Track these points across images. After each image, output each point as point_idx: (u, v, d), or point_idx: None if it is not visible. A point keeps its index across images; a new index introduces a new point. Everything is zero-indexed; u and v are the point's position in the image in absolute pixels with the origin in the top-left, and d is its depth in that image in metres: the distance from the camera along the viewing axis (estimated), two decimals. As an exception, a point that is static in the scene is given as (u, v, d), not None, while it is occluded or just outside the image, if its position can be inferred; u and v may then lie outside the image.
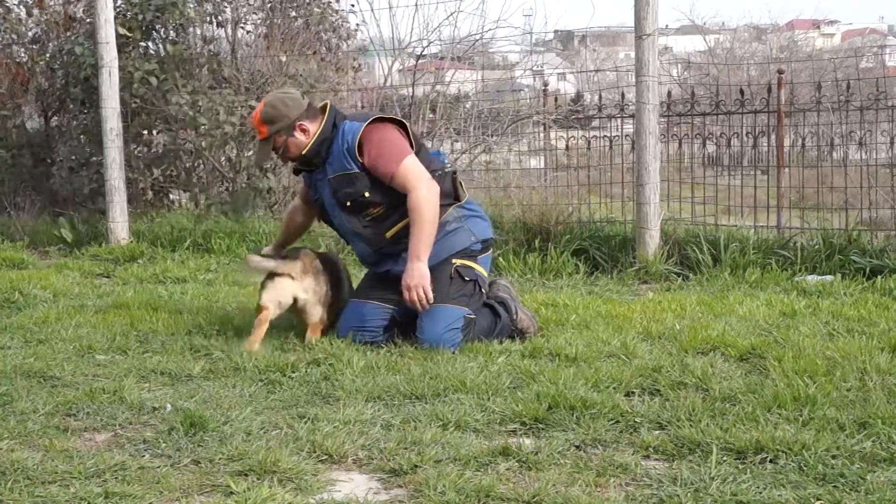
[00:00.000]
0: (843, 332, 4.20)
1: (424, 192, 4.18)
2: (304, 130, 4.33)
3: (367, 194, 4.24)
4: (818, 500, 2.53)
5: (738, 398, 3.31)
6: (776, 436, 2.88)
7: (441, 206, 4.28)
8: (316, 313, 4.31)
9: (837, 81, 7.53)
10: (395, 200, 4.24)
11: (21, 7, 8.89)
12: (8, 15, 8.77)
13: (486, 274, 4.45)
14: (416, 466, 2.80)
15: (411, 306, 4.18)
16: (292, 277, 4.25)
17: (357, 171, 4.23)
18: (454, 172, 4.58)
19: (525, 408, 3.24)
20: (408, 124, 4.41)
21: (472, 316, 4.25)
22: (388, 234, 4.31)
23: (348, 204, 4.28)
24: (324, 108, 4.40)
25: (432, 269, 4.27)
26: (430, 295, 4.17)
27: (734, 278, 5.64)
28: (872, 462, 2.75)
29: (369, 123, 4.27)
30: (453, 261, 4.29)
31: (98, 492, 2.64)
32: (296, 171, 4.66)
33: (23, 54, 9.02)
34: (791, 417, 3.08)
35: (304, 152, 4.33)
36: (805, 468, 2.71)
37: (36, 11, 8.90)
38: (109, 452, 2.95)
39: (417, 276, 4.16)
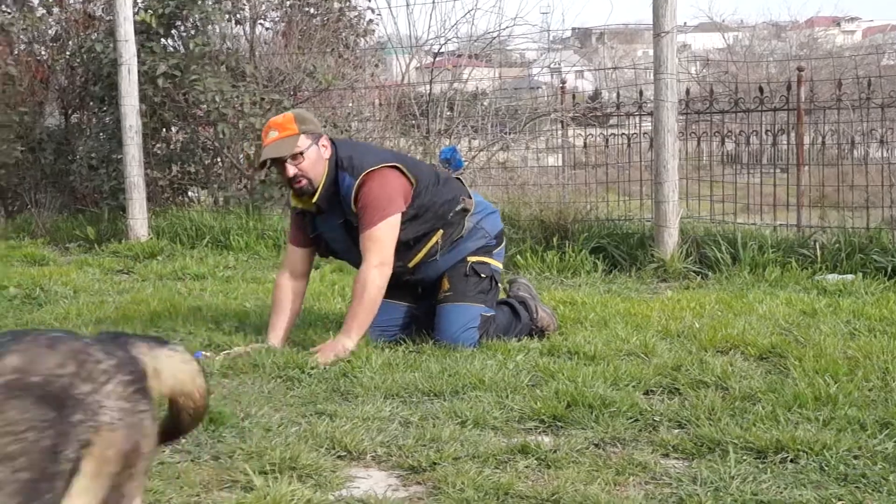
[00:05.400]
0: (864, 332, 4.17)
1: (372, 274, 4.03)
2: (325, 147, 4.14)
3: None
4: (840, 500, 2.51)
5: (758, 397, 3.29)
6: (797, 435, 2.86)
7: (452, 218, 4.23)
8: None
9: (858, 79, 7.48)
10: (412, 235, 4.17)
11: (43, 9, 8.95)
12: (29, 13, 8.83)
13: (501, 266, 4.44)
14: (434, 464, 2.80)
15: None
16: None
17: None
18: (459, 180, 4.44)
19: (544, 406, 3.23)
20: (400, 165, 4.17)
21: (490, 314, 4.24)
22: (411, 264, 4.24)
23: (360, 247, 4.16)
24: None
25: (449, 269, 4.27)
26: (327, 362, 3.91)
27: (753, 277, 5.61)
28: (895, 462, 2.72)
29: (364, 175, 4.08)
30: (468, 258, 4.28)
31: (119, 487, 2.65)
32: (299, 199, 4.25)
33: (43, 52, 9.08)
34: (812, 417, 3.06)
35: (315, 200, 4.13)
36: (826, 468, 2.69)
37: (56, 10, 8.96)
38: (130, 448, 2.96)
39: (339, 349, 3.94)
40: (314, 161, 4.10)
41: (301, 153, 4.08)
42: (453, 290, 4.21)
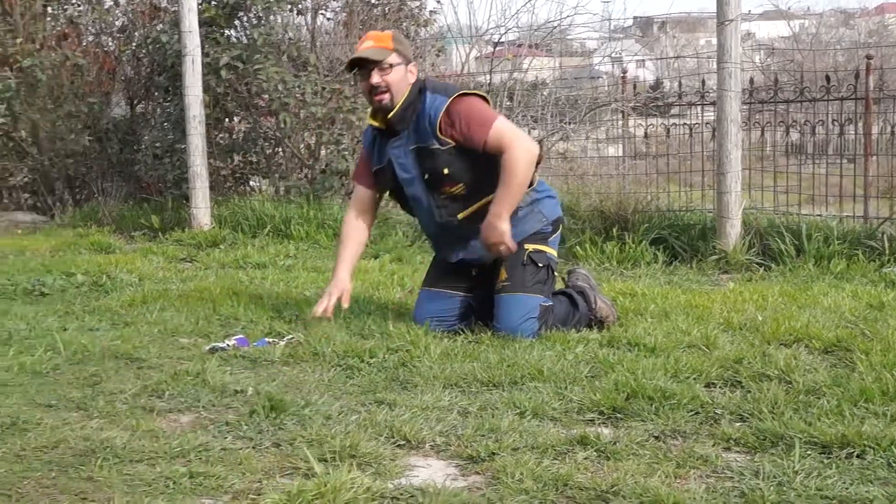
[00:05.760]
0: (933, 326, 4.07)
1: (521, 153, 4.09)
2: (412, 73, 4.26)
3: (445, 171, 4.18)
4: (907, 497, 2.46)
5: (823, 391, 3.23)
6: (863, 430, 2.81)
7: None
8: None
9: (930, 67, 7.29)
10: (476, 182, 4.19)
11: (111, 1, 9.11)
12: (97, 5, 8.99)
13: (556, 254, 4.42)
14: (493, 454, 2.80)
15: (496, 255, 4.18)
16: None
17: (437, 146, 4.17)
18: None
19: (603, 397, 3.22)
20: (489, 99, 4.35)
21: (549, 304, 4.23)
22: (461, 216, 4.25)
23: (426, 177, 4.22)
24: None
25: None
26: (513, 246, 4.14)
27: (818, 269, 5.51)
28: (964, 460, 2.66)
29: (457, 96, 4.18)
30: (526, 246, 4.26)
31: (183, 471, 2.70)
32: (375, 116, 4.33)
33: (110, 43, 9.26)
34: (879, 412, 3.00)
35: (389, 116, 4.20)
36: (894, 464, 2.63)
37: (123, 1, 9.12)
38: (193, 433, 3.01)
39: (496, 236, 4.12)
40: (399, 78, 4.21)
41: (390, 66, 4.19)
42: (511, 280, 4.21)
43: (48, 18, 9.06)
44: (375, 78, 4.18)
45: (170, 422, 3.19)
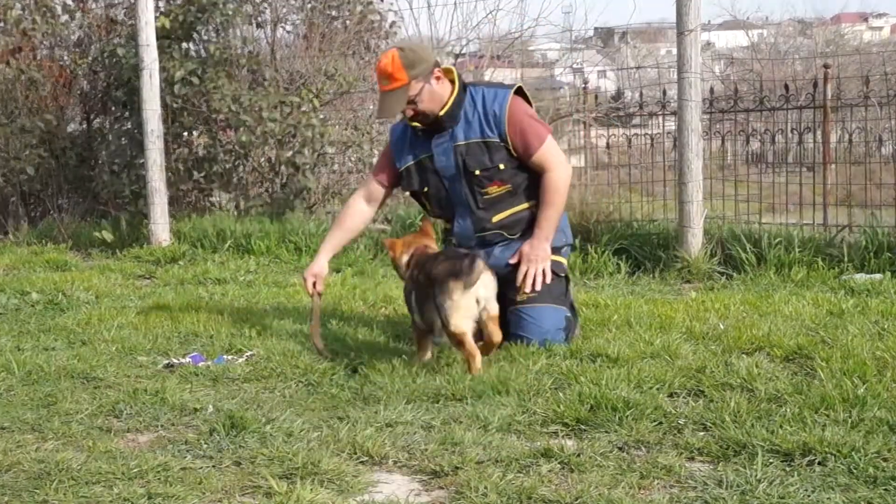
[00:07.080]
0: (892, 332, 4.10)
1: (563, 175, 4.18)
2: (438, 79, 4.12)
3: (501, 166, 4.16)
4: (869, 503, 2.46)
5: (785, 399, 3.24)
6: (824, 437, 2.82)
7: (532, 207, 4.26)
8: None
9: (886, 75, 7.39)
10: (519, 184, 4.21)
11: (66, 14, 8.98)
12: (52, 19, 8.87)
13: (566, 264, 4.45)
14: (457, 468, 2.78)
15: (520, 277, 4.10)
16: None
17: (498, 140, 4.13)
18: None
19: (567, 409, 3.20)
20: (531, 99, 4.33)
21: (569, 315, 4.23)
22: (496, 219, 4.23)
23: (477, 173, 4.16)
24: (447, 69, 4.23)
25: None
26: (549, 278, 4.12)
27: (779, 277, 5.55)
28: (925, 465, 2.67)
29: (513, 96, 4.15)
30: (551, 257, 4.27)
31: (141, 492, 2.65)
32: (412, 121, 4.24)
33: (66, 57, 9.13)
34: (840, 419, 3.01)
35: (441, 113, 4.11)
36: (855, 471, 2.65)
37: (79, 14, 9.00)
38: (152, 453, 2.96)
39: (542, 254, 4.13)
40: (429, 98, 4.10)
41: (414, 99, 4.07)
42: (539, 292, 4.16)
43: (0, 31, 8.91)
44: (409, 113, 4.12)
45: (128, 442, 3.14)
